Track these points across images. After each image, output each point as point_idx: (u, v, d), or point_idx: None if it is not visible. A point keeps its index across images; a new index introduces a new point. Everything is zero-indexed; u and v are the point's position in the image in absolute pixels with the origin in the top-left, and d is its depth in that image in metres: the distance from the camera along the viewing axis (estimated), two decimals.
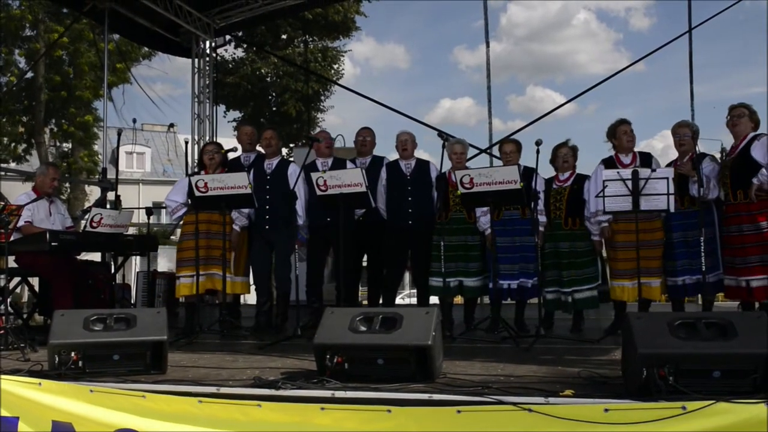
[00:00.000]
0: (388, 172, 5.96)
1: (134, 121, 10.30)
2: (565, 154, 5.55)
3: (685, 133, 5.21)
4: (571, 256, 5.43)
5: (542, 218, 5.43)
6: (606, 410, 2.71)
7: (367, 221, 5.91)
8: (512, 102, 57.98)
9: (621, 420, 2.68)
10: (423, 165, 5.97)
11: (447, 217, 5.64)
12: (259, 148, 6.44)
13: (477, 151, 9.66)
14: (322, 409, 3.00)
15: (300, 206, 5.74)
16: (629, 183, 4.70)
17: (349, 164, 5.93)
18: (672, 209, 4.72)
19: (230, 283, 5.76)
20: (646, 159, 5.33)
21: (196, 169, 6.27)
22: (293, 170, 5.92)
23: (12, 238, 5.44)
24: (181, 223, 6.11)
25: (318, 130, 15.77)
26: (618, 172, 4.79)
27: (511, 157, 5.61)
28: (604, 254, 5.54)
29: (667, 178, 4.67)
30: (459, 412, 2.85)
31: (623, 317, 3.36)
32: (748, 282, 4.88)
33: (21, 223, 5.59)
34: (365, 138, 6.26)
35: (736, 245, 4.96)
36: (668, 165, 5.36)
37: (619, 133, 5.39)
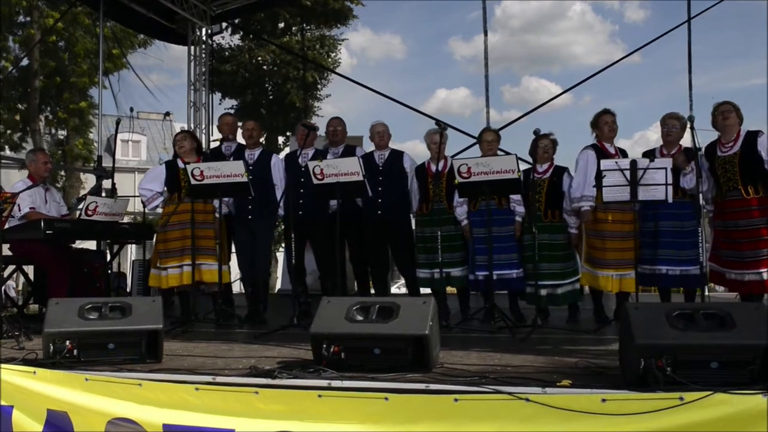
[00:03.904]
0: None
1: (131, 109, 10.22)
2: (545, 146, 5.53)
3: (673, 125, 5.23)
4: (550, 249, 5.42)
5: (520, 209, 5.44)
6: (603, 400, 2.71)
7: (344, 213, 5.86)
8: (507, 92, 57.95)
9: (618, 410, 2.67)
10: (396, 155, 6.00)
11: (428, 209, 5.62)
12: (240, 138, 6.44)
13: (473, 141, 9.64)
14: (320, 396, 2.99)
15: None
16: (627, 173, 4.68)
17: (328, 155, 5.97)
18: (670, 200, 4.71)
19: (215, 272, 5.73)
20: (624, 154, 5.38)
21: (170, 158, 6.22)
22: (276, 160, 5.98)
23: (16, 224, 5.43)
24: (159, 211, 6.04)
25: (313, 119, 15.78)
26: (616, 162, 4.77)
27: (491, 146, 5.63)
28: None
29: (666, 169, 4.65)
30: (456, 401, 2.84)
31: (619, 306, 3.34)
32: (759, 275, 4.85)
33: (25, 209, 5.61)
34: (335, 128, 6.27)
35: (744, 239, 4.93)
36: (648, 152, 5.36)
37: (601, 123, 5.42)
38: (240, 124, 6.62)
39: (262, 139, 8.26)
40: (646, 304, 3.39)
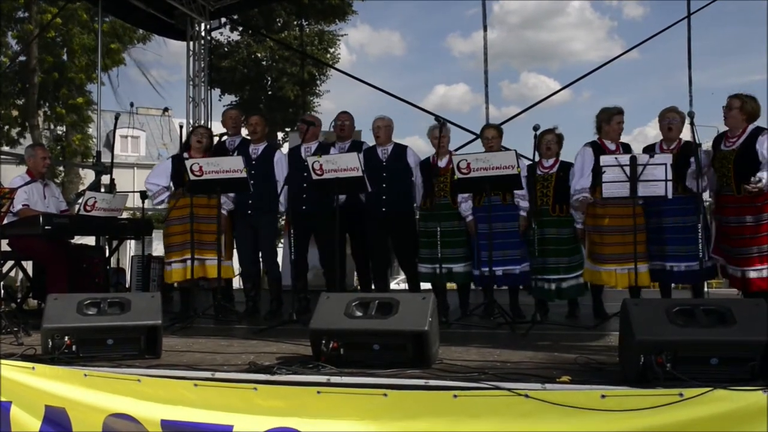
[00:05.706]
0: (364, 158, 5.91)
1: (132, 105, 10.22)
2: (548, 141, 5.51)
3: (673, 118, 5.21)
4: (557, 243, 5.42)
5: (524, 204, 5.43)
6: (603, 397, 2.70)
7: (347, 208, 5.84)
8: (505, 88, 57.99)
9: (618, 407, 2.67)
10: (400, 150, 5.93)
11: (432, 204, 5.61)
12: (244, 132, 6.41)
13: (472, 137, 9.62)
14: (319, 392, 2.99)
15: (284, 192, 5.73)
16: (627, 169, 4.67)
17: (332, 150, 5.92)
18: (670, 195, 4.70)
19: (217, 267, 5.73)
20: (627, 149, 5.36)
21: (179, 151, 6.21)
22: (279, 156, 5.95)
23: (8, 221, 5.40)
24: (165, 206, 6.06)
25: (309, 114, 15.71)
26: (616, 158, 4.76)
27: (492, 143, 5.59)
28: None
29: (665, 164, 4.64)
30: (455, 397, 2.84)
31: (621, 303, 3.32)
32: (744, 273, 4.85)
33: (18, 206, 5.55)
34: (344, 122, 6.24)
35: (737, 236, 4.92)
36: (648, 147, 5.35)
37: (614, 122, 5.37)
38: (242, 118, 6.59)
39: (280, 134, 8.12)
40: (646, 300, 3.38)
